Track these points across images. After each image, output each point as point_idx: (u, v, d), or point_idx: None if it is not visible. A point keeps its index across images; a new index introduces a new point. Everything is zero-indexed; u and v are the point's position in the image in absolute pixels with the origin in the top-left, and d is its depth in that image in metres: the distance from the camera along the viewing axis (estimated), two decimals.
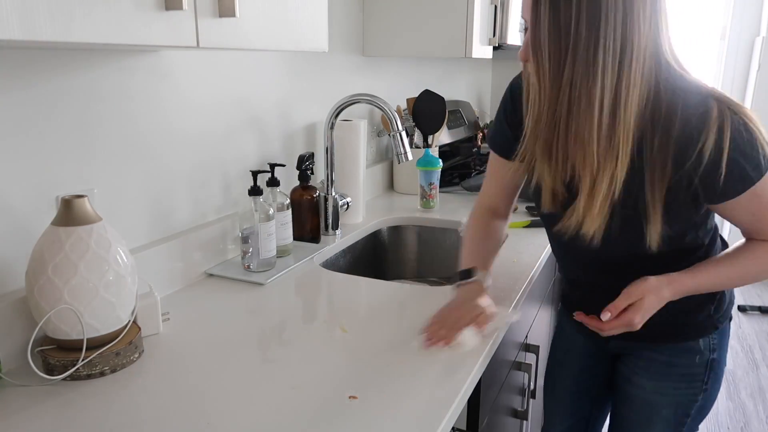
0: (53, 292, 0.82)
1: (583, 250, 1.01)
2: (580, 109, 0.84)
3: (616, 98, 0.83)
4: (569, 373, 1.27)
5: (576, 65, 0.82)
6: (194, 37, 0.76)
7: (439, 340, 0.94)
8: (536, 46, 0.84)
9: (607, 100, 0.83)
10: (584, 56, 0.81)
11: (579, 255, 1.08)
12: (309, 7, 1.00)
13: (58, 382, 0.84)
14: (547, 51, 0.83)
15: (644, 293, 0.94)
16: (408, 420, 0.76)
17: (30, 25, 0.56)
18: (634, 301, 0.94)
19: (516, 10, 2.01)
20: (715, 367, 1.08)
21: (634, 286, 0.95)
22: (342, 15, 1.74)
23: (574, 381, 1.26)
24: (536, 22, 0.83)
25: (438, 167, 1.81)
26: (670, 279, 0.95)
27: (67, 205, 0.84)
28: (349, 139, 1.58)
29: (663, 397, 1.10)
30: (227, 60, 1.29)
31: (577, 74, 0.82)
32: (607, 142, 0.85)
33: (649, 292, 0.94)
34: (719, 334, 1.07)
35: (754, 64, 3.71)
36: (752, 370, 2.78)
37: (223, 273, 1.24)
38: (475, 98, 3.06)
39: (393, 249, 1.75)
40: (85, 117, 0.99)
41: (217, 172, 1.30)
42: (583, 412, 1.28)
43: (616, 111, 0.83)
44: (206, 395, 0.81)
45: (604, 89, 0.82)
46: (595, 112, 0.83)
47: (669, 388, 1.09)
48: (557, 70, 0.84)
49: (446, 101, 2.12)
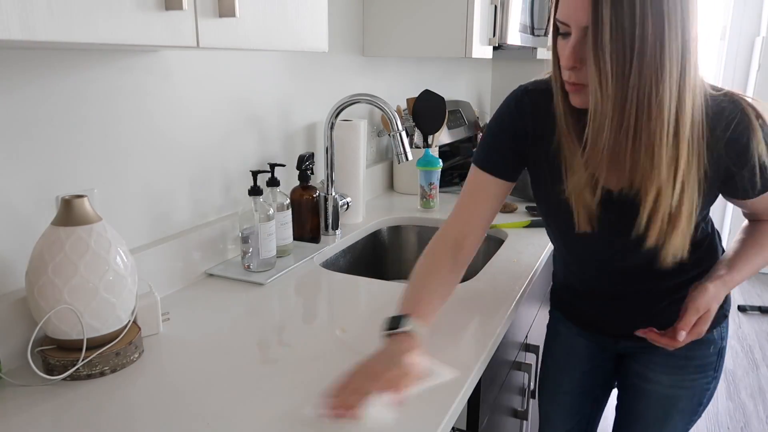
0: (53, 292, 0.82)
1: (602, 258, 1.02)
2: (649, 115, 0.79)
3: (680, 103, 0.80)
4: (572, 377, 1.25)
5: (643, 69, 0.77)
6: (194, 37, 0.76)
7: (344, 409, 0.73)
8: (597, 49, 0.77)
9: (674, 105, 0.79)
10: (651, 59, 0.77)
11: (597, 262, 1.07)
12: (309, 7, 1.00)
13: (58, 382, 0.84)
14: (611, 55, 0.77)
15: (710, 305, 0.94)
16: (408, 420, 0.76)
17: (30, 25, 0.56)
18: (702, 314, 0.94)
19: (516, 10, 2.01)
20: (723, 353, 1.12)
21: (700, 299, 0.94)
22: (342, 15, 1.74)
23: (578, 384, 1.25)
24: (597, 23, 0.76)
25: (438, 167, 1.81)
26: (724, 281, 0.96)
27: (67, 205, 0.84)
28: (349, 139, 1.58)
29: (681, 390, 1.12)
30: (227, 60, 1.29)
31: (644, 78, 0.78)
32: (674, 150, 0.82)
33: (714, 301, 0.95)
34: (726, 322, 1.12)
35: (754, 64, 3.71)
36: (752, 370, 2.78)
37: (223, 273, 1.24)
38: (475, 98, 3.06)
39: (393, 249, 1.75)
40: (86, 117, 0.99)
41: (217, 172, 1.30)
42: (584, 413, 1.29)
43: (679, 117, 0.80)
44: (206, 395, 0.81)
45: (671, 93, 0.78)
46: (665, 118, 0.79)
47: (687, 381, 1.11)
48: (622, 74, 0.78)
49: (446, 101, 2.12)
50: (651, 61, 0.77)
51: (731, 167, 0.88)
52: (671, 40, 0.76)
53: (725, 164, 0.88)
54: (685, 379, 1.11)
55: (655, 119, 0.80)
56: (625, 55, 0.77)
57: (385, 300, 1.14)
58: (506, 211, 1.78)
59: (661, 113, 0.79)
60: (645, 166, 0.84)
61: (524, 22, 2.14)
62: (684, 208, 0.86)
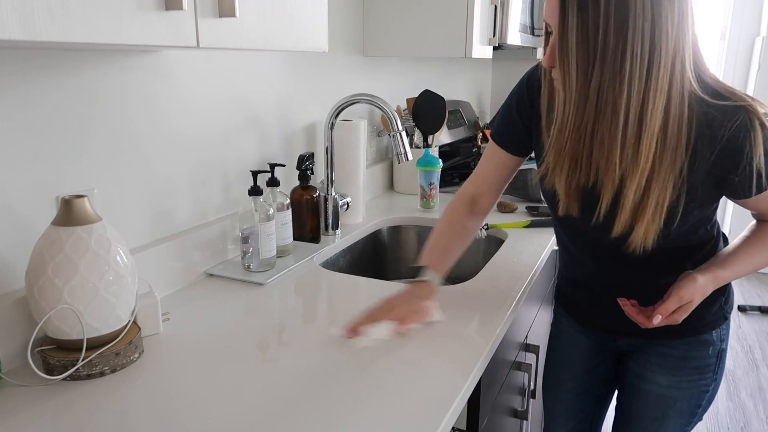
0: (53, 292, 0.82)
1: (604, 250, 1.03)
2: (606, 116, 0.84)
3: (643, 106, 0.83)
4: (573, 375, 1.26)
5: (603, 73, 0.82)
6: (194, 37, 0.76)
7: (355, 332, 0.94)
8: (563, 53, 0.83)
9: (634, 107, 0.83)
10: (612, 64, 0.81)
11: (588, 250, 1.09)
12: (309, 7, 1.00)
13: (58, 382, 0.84)
14: (575, 59, 0.82)
15: (694, 296, 0.95)
16: (408, 420, 0.76)
17: (30, 25, 0.56)
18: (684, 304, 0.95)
19: (516, 10, 2.01)
20: (723, 356, 1.11)
21: (685, 288, 0.95)
22: (342, 15, 1.74)
23: (579, 382, 1.26)
24: (563, 29, 0.82)
25: (438, 167, 1.81)
26: (714, 276, 0.97)
27: (67, 205, 0.84)
28: (349, 139, 1.58)
29: (678, 390, 1.11)
30: (227, 60, 1.29)
31: (605, 82, 0.82)
32: (633, 150, 0.86)
33: (698, 293, 0.95)
34: (727, 324, 1.11)
35: (754, 64, 3.71)
36: (752, 370, 2.78)
37: (223, 273, 1.24)
38: (475, 98, 3.06)
39: (393, 249, 1.75)
40: (86, 117, 0.99)
41: (217, 172, 1.30)
42: (586, 412, 1.29)
43: (642, 118, 0.83)
44: (206, 395, 0.81)
45: (630, 97, 0.82)
46: (620, 120, 0.83)
47: (684, 382, 1.11)
48: (584, 78, 0.83)
49: (446, 101, 2.12)
50: (611, 67, 0.81)
51: (726, 168, 0.88)
52: (635, 47, 0.79)
53: (719, 165, 0.88)
54: (683, 380, 1.10)
55: (612, 122, 0.84)
56: (588, 59, 0.82)
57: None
58: (506, 211, 1.78)
59: (617, 116, 0.83)
60: (601, 165, 0.89)
61: (524, 22, 2.14)
62: (649, 203, 0.89)
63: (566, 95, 0.86)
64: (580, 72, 0.83)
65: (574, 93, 0.85)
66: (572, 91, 0.85)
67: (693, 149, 0.87)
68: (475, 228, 1.18)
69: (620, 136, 0.85)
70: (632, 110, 0.83)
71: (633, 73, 0.81)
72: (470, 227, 1.17)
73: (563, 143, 0.90)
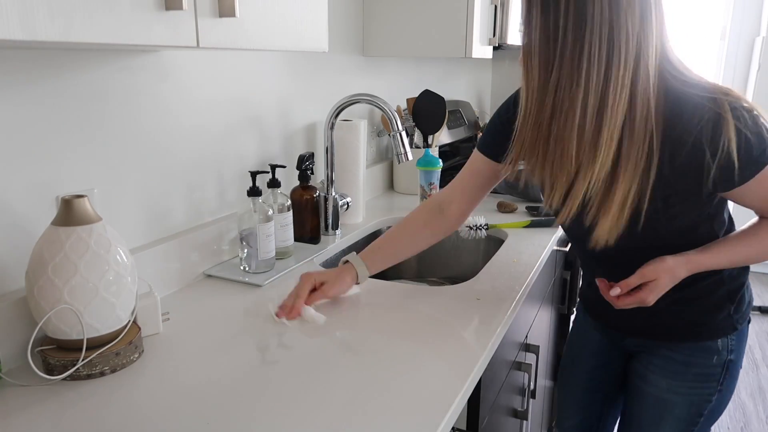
0: (53, 292, 0.82)
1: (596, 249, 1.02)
2: (562, 111, 0.88)
3: (603, 102, 0.85)
4: (583, 369, 1.29)
5: (562, 70, 0.85)
6: (194, 37, 0.76)
7: (289, 311, 1.04)
8: (527, 50, 0.89)
9: (592, 104, 0.85)
10: (570, 62, 0.85)
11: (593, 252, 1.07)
12: (309, 7, 1.00)
13: (58, 382, 0.84)
14: (537, 56, 0.87)
15: (658, 274, 0.96)
16: (408, 420, 0.76)
17: (30, 25, 0.56)
18: (649, 281, 0.96)
19: (516, 10, 2.01)
20: (731, 368, 1.08)
21: (650, 266, 0.97)
22: (342, 15, 1.74)
23: (588, 377, 1.28)
24: (528, 27, 0.87)
25: (438, 167, 1.81)
26: (688, 259, 0.97)
27: (67, 205, 0.84)
28: (349, 139, 1.58)
29: (677, 396, 1.10)
30: (227, 60, 1.29)
31: (563, 78, 0.86)
32: (590, 145, 0.88)
33: (665, 273, 0.96)
34: (738, 336, 1.08)
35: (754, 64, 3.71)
36: (752, 370, 2.78)
37: (221, 274, 1.24)
38: (475, 98, 3.06)
39: None
40: (85, 117, 0.99)
41: (216, 173, 1.30)
42: (594, 408, 1.30)
43: (602, 114, 0.86)
44: (206, 395, 0.81)
45: (588, 94, 0.85)
46: (577, 115, 0.86)
47: (684, 387, 1.09)
48: (545, 74, 0.87)
49: (446, 101, 2.12)
50: (569, 65, 0.85)
51: (701, 159, 0.88)
52: (592, 47, 0.83)
53: (694, 156, 0.87)
54: (683, 385, 1.09)
55: (568, 117, 0.87)
56: (549, 57, 0.86)
57: (385, 300, 1.14)
58: (506, 211, 1.78)
59: (573, 112, 0.87)
60: (557, 158, 0.92)
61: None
62: (615, 198, 0.90)
63: (528, 91, 0.91)
64: (542, 69, 0.87)
65: (535, 89, 0.89)
66: (534, 87, 0.89)
67: (666, 142, 0.88)
68: (427, 239, 1.19)
69: (577, 132, 0.87)
70: (590, 107, 0.85)
71: (590, 72, 0.84)
72: (425, 235, 1.19)
73: (524, 136, 0.95)
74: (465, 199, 1.18)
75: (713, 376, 1.08)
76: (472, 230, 1.54)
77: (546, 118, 0.90)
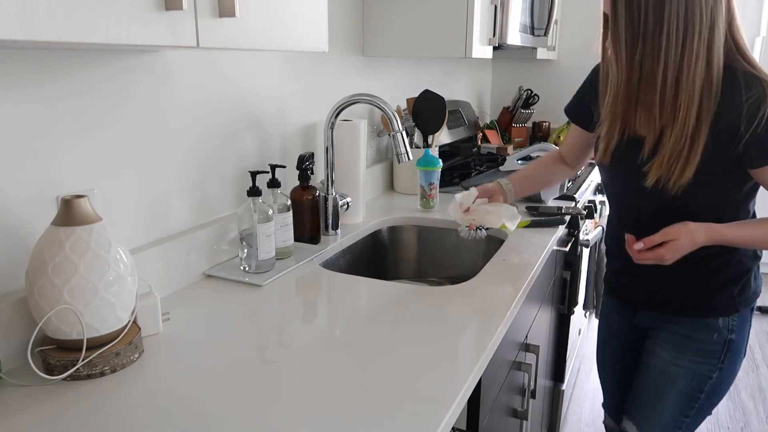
0: (53, 292, 0.82)
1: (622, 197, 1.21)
2: (648, 82, 1.03)
3: (680, 71, 1.00)
4: (609, 351, 1.41)
5: (645, 49, 1.01)
6: (194, 37, 0.76)
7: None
8: (615, 36, 1.04)
9: (671, 73, 1.00)
10: (651, 40, 1.00)
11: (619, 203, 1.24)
12: (309, 7, 1.00)
13: (58, 382, 0.84)
14: (623, 40, 1.03)
15: (680, 234, 1.06)
16: (408, 420, 0.76)
17: (30, 25, 0.56)
18: (670, 240, 1.06)
19: (516, 10, 2.01)
20: (733, 348, 1.15)
21: (674, 227, 1.07)
22: (342, 15, 1.74)
23: (616, 358, 1.40)
24: (614, 15, 1.03)
25: (438, 167, 1.81)
26: (709, 226, 1.07)
27: (67, 205, 0.84)
28: (350, 139, 1.58)
29: (679, 368, 1.18)
30: (227, 60, 1.29)
31: (646, 56, 1.01)
32: (671, 107, 1.02)
33: (685, 234, 1.06)
34: (740, 318, 1.15)
35: None
36: (752, 370, 2.78)
37: (221, 274, 1.24)
38: (475, 98, 3.06)
39: (393, 249, 1.75)
40: (85, 117, 0.99)
41: (216, 173, 1.30)
42: (629, 386, 1.35)
43: (679, 82, 1.00)
44: (206, 395, 0.81)
45: (667, 66, 1.00)
46: (658, 85, 1.02)
47: (686, 361, 1.17)
48: (631, 54, 1.03)
49: (446, 101, 2.12)
50: (650, 43, 1.00)
51: (740, 130, 1.00)
52: (670, 26, 0.98)
53: (737, 127, 1.00)
54: (685, 358, 1.16)
55: (651, 86, 1.03)
56: (633, 39, 1.02)
57: (385, 300, 1.14)
58: None
59: (655, 80, 1.02)
60: (643, 121, 1.08)
61: (524, 22, 2.14)
62: (694, 148, 1.02)
63: (618, 70, 1.06)
64: (628, 50, 1.03)
65: (624, 66, 1.05)
66: (622, 65, 1.05)
67: (719, 109, 1.01)
68: (561, 173, 1.45)
69: (659, 98, 1.03)
70: (669, 76, 1.01)
71: (669, 47, 0.99)
72: (555, 171, 1.45)
73: (616, 108, 1.10)
74: (577, 157, 1.41)
75: (714, 353, 1.15)
76: (472, 230, 1.54)
77: (633, 90, 1.06)
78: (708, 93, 1.01)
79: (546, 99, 3.17)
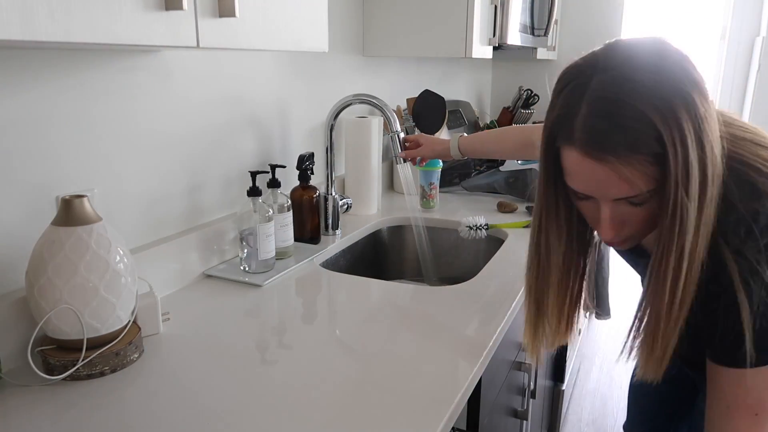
0: (53, 292, 0.82)
1: None
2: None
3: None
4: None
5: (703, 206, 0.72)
6: (194, 38, 0.76)
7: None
8: (682, 231, 0.72)
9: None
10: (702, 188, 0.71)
11: None
12: (309, 7, 1.00)
13: (58, 382, 0.84)
14: (694, 203, 0.71)
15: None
16: (408, 420, 0.76)
17: (30, 25, 0.56)
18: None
19: (516, 10, 2.01)
20: None
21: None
22: (342, 15, 1.74)
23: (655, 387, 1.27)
24: (676, 181, 0.71)
25: (438, 167, 1.81)
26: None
27: (67, 205, 0.84)
28: (363, 132, 1.63)
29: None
30: (227, 60, 1.29)
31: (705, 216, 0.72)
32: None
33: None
34: None
35: (754, 64, 3.71)
36: None
37: (221, 274, 1.24)
38: (475, 98, 3.06)
39: (393, 249, 1.75)
40: (85, 117, 0.99)
41: (216, 173, 1.30)
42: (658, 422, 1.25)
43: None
44: (206, 395, 0.81)
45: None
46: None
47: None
48: (697, 215, 0.72)
49: (446, 101, 2.12)
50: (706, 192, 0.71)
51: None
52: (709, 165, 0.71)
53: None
54: None
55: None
56: (701, 194, 0.71)
57: (385, 300, 1.14)
58: (506, 211, 1.78)
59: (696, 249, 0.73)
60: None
61: (524, 22, 2.14)
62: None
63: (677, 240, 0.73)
64: (696, 213, 0.72)
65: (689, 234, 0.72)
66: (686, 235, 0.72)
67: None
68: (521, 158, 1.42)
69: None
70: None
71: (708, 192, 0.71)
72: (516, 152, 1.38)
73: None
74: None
75: None
76: (472, 230, 1.54)
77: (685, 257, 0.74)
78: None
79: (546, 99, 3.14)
